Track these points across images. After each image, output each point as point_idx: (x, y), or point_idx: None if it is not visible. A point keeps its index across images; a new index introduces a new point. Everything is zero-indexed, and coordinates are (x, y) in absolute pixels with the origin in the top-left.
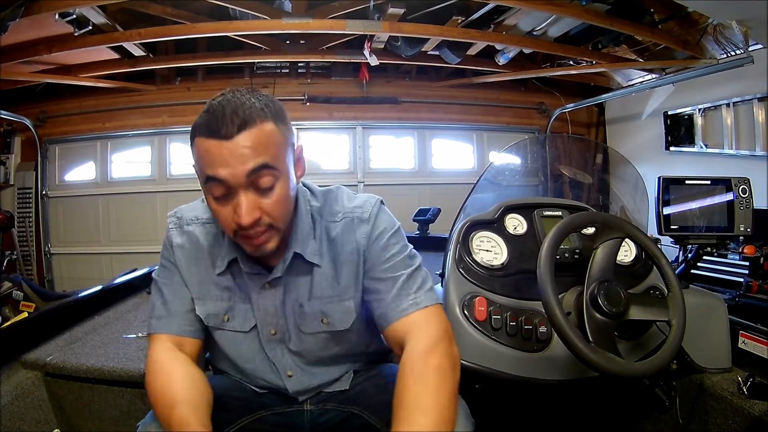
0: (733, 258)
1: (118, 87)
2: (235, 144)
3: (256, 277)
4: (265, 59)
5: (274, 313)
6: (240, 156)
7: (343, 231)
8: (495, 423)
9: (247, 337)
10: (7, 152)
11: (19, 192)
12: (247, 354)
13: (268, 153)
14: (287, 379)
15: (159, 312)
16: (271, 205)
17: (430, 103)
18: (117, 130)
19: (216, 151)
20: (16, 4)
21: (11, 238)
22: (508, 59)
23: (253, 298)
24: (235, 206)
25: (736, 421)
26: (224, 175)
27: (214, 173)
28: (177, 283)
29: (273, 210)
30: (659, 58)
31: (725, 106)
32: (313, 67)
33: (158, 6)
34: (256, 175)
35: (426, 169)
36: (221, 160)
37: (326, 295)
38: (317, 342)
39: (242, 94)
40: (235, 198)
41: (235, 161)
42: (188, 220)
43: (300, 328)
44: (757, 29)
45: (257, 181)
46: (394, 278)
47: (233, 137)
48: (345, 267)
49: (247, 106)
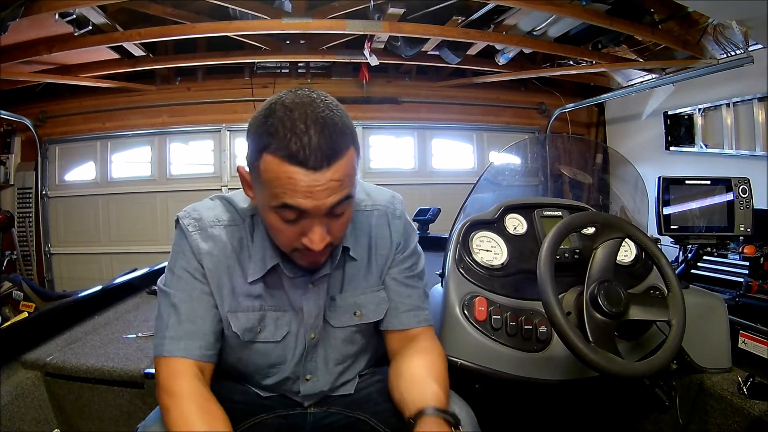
0: (733, 258)
1: (118, 87)
2: (325, 177)
3: (299, 281)
4: (265, 59)
5: (317, 314)
6: (327, 189)
7: (377, 223)
8: (495, 423)
9: (278, 347)
10: (7, 152)
11: (19, 192)
12: (274, 361)
13: (351, 183)
14: (304, 382)
15: (174, 332)
16: (339, 227)
17: (430, 103)
18: (117, 130)
19: (302, 181)
20: (16, 4)
21: (11, 238)
22: (508, 59)
23: (296, 303)
24: (305, 230)
25: (736, 421)
26: (307, 206)
27: (296, 204)
28: (198, 298)
29: (339, 232)
30: (659, 58)
31: (725, 106)
32: (313, 67)
33: (158, 6)
34: (334, 209)
35: (426, 169)
36: (306, 192)
37: (360, 286)
38: (345, 337)
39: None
40: (307, 221)
41: (322, 194)
42: (210, 222)
43: (330, 321)
44: (757, 29)
45: (337, 208)
46: (415, 288)
47: (322, 169)
48: (377, 259)
49: (334, 129)
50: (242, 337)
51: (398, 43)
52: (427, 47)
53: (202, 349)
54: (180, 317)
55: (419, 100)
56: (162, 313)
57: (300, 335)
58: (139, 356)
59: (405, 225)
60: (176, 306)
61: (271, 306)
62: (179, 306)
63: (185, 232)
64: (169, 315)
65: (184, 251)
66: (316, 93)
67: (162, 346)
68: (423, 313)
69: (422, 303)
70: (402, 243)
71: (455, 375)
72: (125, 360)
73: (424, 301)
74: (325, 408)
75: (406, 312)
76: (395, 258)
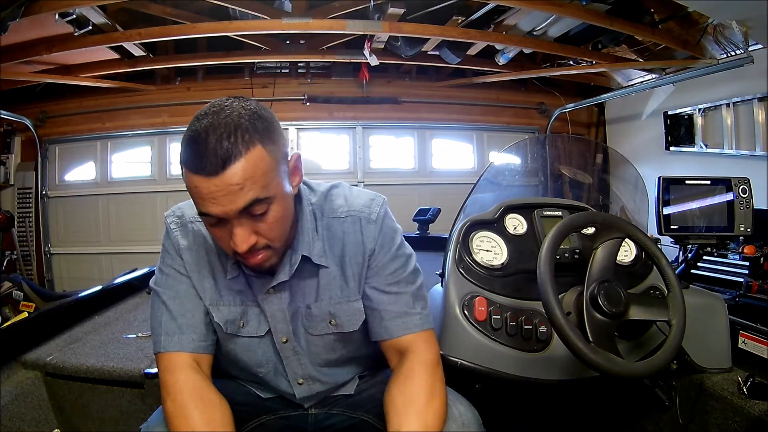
0: (733, 258)
1: (118, 87)
2: (222, 181)
3: (259, 282)
4: (265, 59)
5: (283, 318)
6: (228, 194)
7: (349, 230)
8: (495, 423)
9: (262, 342)
10: (7, 152)
11: (19, 192)
12: (261, 359)
13: (257, 185)
14: (297, 386)
15: (168, 327)
16: (267, 227)
17: (430, 103)
18: (117, 130)
19: (204, 188)
20: (16, 4)
21: (11, 238)
22: (508, 59)
23: (261, 304)
24: (229, 235)
25: (736, 421)
26: (216, 212)
27: (206, 210)
28: (185, 293)
29: (269, 232)
30: (659, 58)
31: (725, 106)
32: (313, 67)
33: (158, 6)
34: (245, 211)
35: (426, 169)
36: (210, 198)
37: (335, 296)
38: (325, 344)
39: (228, 111)
40: (229, 225)
41: (225, 200)
42: (191, 218)
43: (308, 330)
44: (757, 29)
45: (250, 210)
46: (399, 294)
47: (219, 174)
48: (351, 267)
49: (232, 131)
50: (225, 329)
51: (398, 43)
52: (427, 47)
53: (195, 341)
54: (171, 313)
55: (419, 100)
56: (155, 312)
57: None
58: (139, 356)
59: (382, 228)
60: (166, 303)
61: (252, 302)
62: (168, 303)
63: (168, 230)
64: (161, 313)
65: (168, 249)
66: (236, 99)
67: (158, 344)
68: (412, 319)
69: (410, 308)
70: (376, 249)
71: (455, 375)
72: (125, 360)
73: (414, 305)
74: (326, 409)
75: (391, 320)
76: (371, 266)
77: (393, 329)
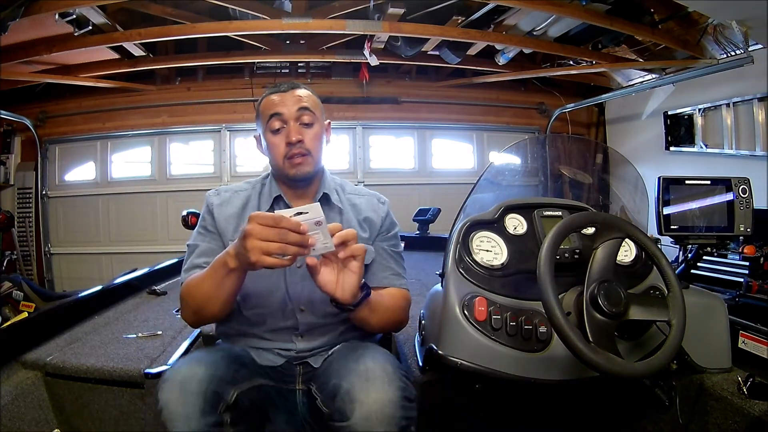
0: (733, 258)
1: (118, 87)
2: (290, 95)
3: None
4: (265, 59)
5: None
6: (292, 100)
7: (366, 204)
8: (495, 423)
9: (274, 272)
10: (7, 152)
11: (19, 192)
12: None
13: (309, 102)
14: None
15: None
16: (310, 136)
17: (430, 103)
18: (117, 130)
19: (278, 99)
20: (16, 4)
21: (11, 238)
22: (508, 59)
23: None
24: (286, 133)
25: (736, 421)
26: (282, 110)
27: (276, 110)
28: (213, 240)
29: (310, 141)
30: (659, 58)
31: (725, 106)
32: (313, 67)
33: (158, 6)
34: (300, 113)
35: (426, 169)
36: (281, 103)
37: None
38: None
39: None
40: (286, 128)
41: (290, 102)
42: (224, 189)
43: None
44: (757, 29)
45: (302, 117)
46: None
47: (288, 91)
48: (368, 223)
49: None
50: None
51: (398, 43)
52: (427, 47)
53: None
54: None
55: (419, 100)
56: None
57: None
58: (139, 356)
59: (388, 212)
60: (195, 247)
61: None
62: (198, 247)
63: (206, 199)
64: (189, 255)
65: (204, 214)
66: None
67: (183, 277)
68: (403, 281)
69: (403, 273)
70: (388, 223)
71: (455, 375)
72: (125, 360)
73: (404, 273)
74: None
75: (390, 275)
76: (382, 232)
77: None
